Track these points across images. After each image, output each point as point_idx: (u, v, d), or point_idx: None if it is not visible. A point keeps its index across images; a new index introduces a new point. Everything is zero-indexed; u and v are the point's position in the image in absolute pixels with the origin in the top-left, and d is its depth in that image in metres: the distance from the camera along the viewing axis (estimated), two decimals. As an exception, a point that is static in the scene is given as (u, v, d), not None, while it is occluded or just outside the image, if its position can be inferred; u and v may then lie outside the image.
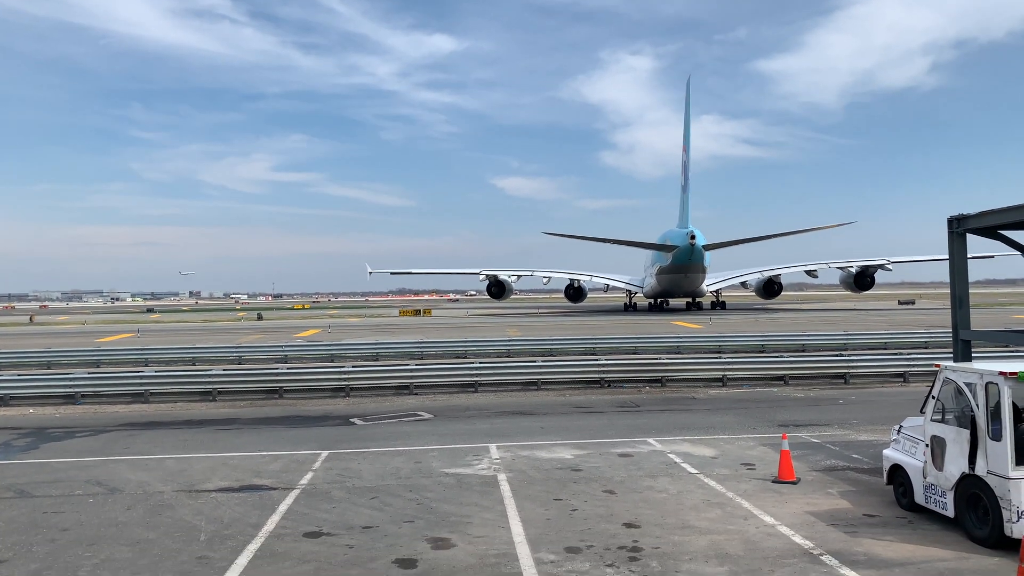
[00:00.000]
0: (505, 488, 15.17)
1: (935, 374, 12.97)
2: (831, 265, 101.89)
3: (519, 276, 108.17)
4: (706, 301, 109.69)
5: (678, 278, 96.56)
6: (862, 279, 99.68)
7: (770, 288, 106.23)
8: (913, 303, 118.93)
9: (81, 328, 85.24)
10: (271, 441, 20.83)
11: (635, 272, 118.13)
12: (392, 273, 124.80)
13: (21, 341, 60.16)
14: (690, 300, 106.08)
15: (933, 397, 12.82)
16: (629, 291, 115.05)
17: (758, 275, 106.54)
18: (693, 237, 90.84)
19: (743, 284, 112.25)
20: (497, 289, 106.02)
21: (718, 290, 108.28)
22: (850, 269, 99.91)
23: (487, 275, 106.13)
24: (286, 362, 41.34)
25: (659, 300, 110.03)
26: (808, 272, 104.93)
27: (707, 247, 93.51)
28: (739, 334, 48.19)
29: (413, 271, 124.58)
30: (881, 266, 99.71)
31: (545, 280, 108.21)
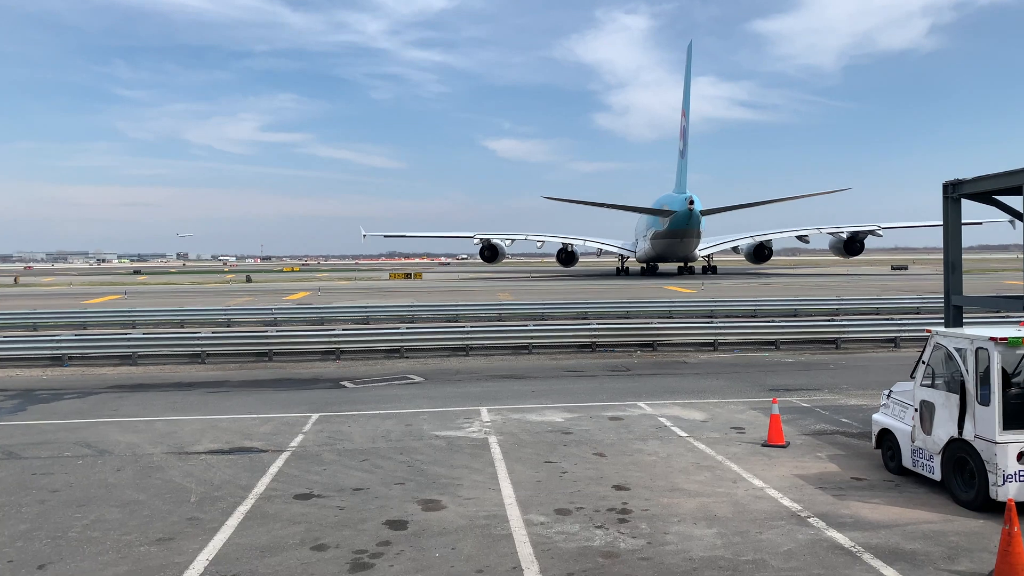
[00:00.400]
0: (496, 451, 15.31)
1: (926, 339, 13.09)
2: (822, 231, 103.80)
3: (512, 240, 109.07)
4: (697, 266, 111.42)
5: (674, 243, 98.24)
6: (852, 245, 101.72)
7: (760, 253, 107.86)
8: (906, 268, 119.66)
9: (67, 289, 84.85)
10: (261, 404, 20.91)
11: (626, 237, 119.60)
12: (386, 236, 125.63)
13: (6, 303, 59.89)
14: (682, 265, 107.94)
15: (923, 362, 12.94)
16: (621, 255, 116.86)
17: (750, 240, 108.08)
18: (692, 203, 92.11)
19: (734, 249, 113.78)
20: (490, 253, 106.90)
21: (709, 255, 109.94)
22: (841, 235, 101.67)
23: (481, 239, 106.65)
24: (275, 325, 41.33)
25: (651, 264, 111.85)
26: (799, 237, 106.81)
27: (704, 212, 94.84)
28: (731, 299, 48.41)
29: (407, 234, 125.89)
30: (872, 232, 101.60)
31: (539, 244, 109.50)
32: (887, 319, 35.67)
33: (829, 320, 34.83)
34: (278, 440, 16.52)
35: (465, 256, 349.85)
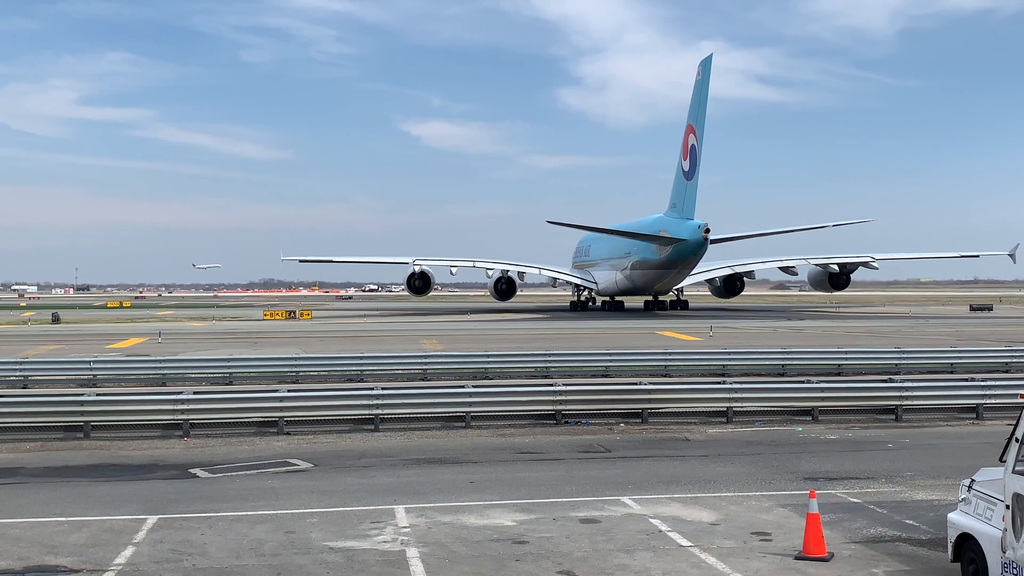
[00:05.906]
0: (417, 568, 15.23)
1: (1021, 408, 13.41)
2: (810, 261, 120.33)
3: (456, 268, 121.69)
4: (667, 299, 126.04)
5: (665, 275, 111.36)
6: (839, 278, 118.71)
7: (732, 286, 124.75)
8: (990, 309, 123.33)
9: None
10: (71, 501, 20.52)
11: (556, 262, 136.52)
12: (301, 261, 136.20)
13: None
14: (650, 299, 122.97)
15: (1017, 440, 13.23)
16: (578, 286, 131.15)
17: (728, 271, 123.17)
18: (707, 231, 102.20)
19: (709, 282, 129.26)
20: (421, 283, 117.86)
21: (681, 287, 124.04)
22: (831, 267, 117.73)
23: (419, 264, 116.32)
24: (95, 385, 40.66)
25: (614, 299, 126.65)
26: (784, 268, 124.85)
27: (713, 241, 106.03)
28: (749, 349, 49.21)
29: (334, 259, 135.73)
30: (866, 264, 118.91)
31: (489, 272, 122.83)
32: (966, 380, 36.55)
33: (886, 381, 35.56)
34: (96, 556, 16.14)
35: (375, 287, 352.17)
